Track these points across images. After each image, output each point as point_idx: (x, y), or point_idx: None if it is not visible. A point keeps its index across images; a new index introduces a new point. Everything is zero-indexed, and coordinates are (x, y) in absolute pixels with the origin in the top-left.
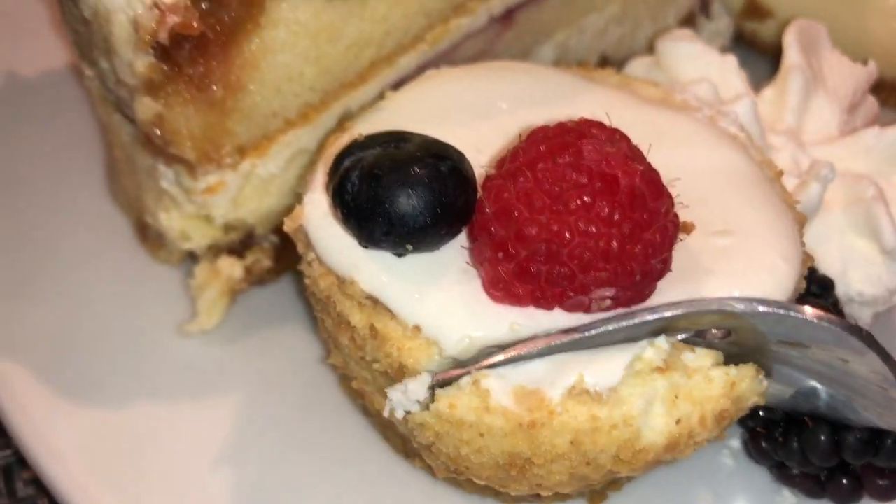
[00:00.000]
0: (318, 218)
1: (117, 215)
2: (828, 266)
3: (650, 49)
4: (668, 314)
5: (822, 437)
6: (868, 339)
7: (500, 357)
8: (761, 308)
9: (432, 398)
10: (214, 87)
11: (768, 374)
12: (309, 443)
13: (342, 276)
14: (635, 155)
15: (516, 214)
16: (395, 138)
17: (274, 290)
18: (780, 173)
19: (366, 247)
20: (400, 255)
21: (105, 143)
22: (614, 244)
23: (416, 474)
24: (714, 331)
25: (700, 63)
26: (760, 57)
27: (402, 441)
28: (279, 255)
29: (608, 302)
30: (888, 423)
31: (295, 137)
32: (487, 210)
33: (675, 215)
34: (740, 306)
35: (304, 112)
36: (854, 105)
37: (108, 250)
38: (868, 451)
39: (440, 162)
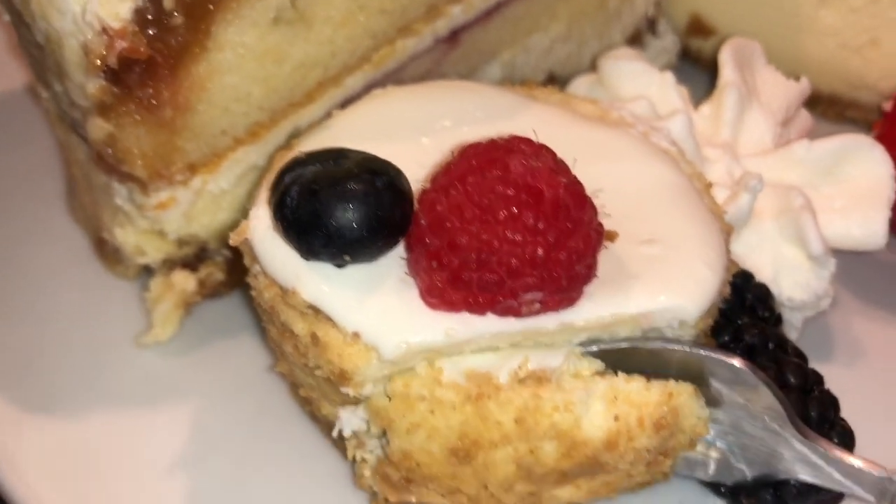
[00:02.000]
0: (263, 232)
1: (76, 231)
2: (760, 273)
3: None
4: (583, 337)
5: (767, 497)
6: (760, 374)
7: None
8: (668, 346)
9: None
10: (164, 108)
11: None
12: (262, 449)
13: (285, 286)
14: (560, 169)
15: (448, 225)
16: (335, 155)
17: (227, 303)
18: (710, 185)
19: (307, 258)
20: (339, 266)
21: (64, 162)
22: (540, 251)
23: None
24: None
25: (640, 80)
26: (706, 73)
27: None
28: (231, 268)
29: (537, 306)
30: (783, 471)
31: (244, 155)
32: (422, 222)
33: (600, 224)
34: (653, 344)
35: (253, 130)
36: (788, 119)
37: (68, 265)
38: (811, 493)
39: (376, 178)
